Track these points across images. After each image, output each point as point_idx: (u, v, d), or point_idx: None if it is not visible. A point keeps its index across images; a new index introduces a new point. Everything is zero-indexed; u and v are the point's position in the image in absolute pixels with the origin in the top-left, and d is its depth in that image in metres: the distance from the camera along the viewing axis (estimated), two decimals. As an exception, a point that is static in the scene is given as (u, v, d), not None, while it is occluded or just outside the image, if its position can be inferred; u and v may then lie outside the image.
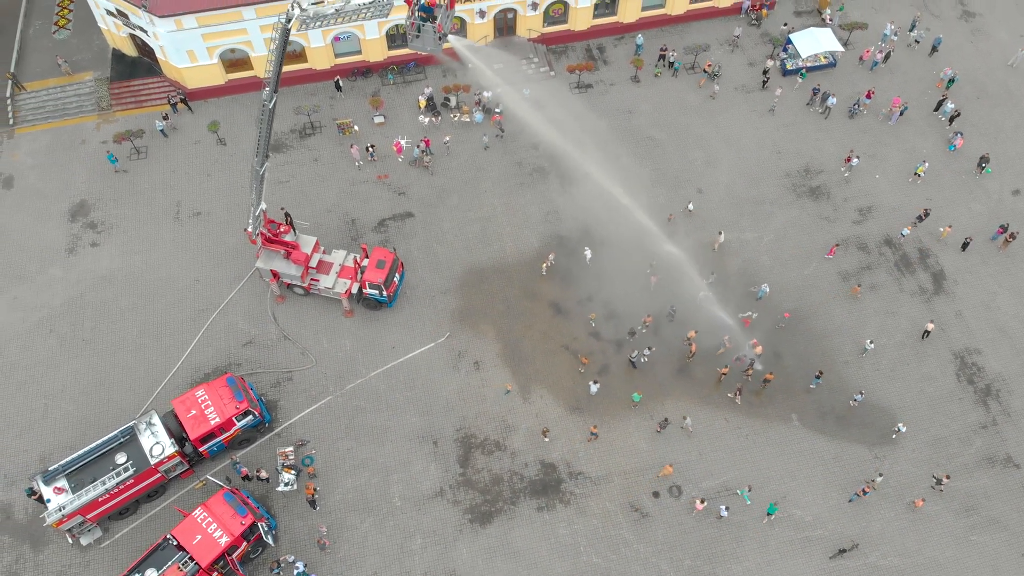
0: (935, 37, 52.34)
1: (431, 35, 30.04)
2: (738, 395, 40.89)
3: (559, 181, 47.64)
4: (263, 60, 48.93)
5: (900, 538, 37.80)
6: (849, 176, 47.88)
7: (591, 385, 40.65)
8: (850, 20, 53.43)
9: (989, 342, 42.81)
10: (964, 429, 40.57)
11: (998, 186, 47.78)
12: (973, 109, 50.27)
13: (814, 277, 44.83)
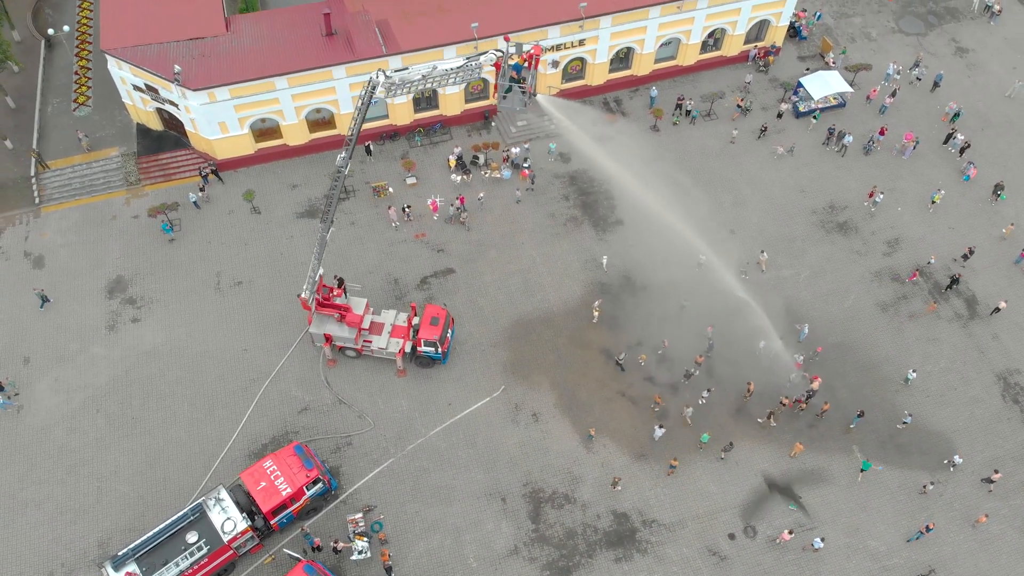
0: (936, 74, 54.96)
1: (519, 96, 30.81)
2: (770, 419, 41.42)
3: (596, 230, 48.55)
4: (292, 129, 49.93)
5: (972, 559, 38.17)
6: (874, 211, 49.52)
7: (656, 429, 40.79)
8: (854, 62, 55.91)
9: (1029, 362, 44.23)
10: (1017, 448, 41.43)
11: (1014, 211, 49.77)
12: (979, 140, 52.58)
13: (854, 310, 45.89)
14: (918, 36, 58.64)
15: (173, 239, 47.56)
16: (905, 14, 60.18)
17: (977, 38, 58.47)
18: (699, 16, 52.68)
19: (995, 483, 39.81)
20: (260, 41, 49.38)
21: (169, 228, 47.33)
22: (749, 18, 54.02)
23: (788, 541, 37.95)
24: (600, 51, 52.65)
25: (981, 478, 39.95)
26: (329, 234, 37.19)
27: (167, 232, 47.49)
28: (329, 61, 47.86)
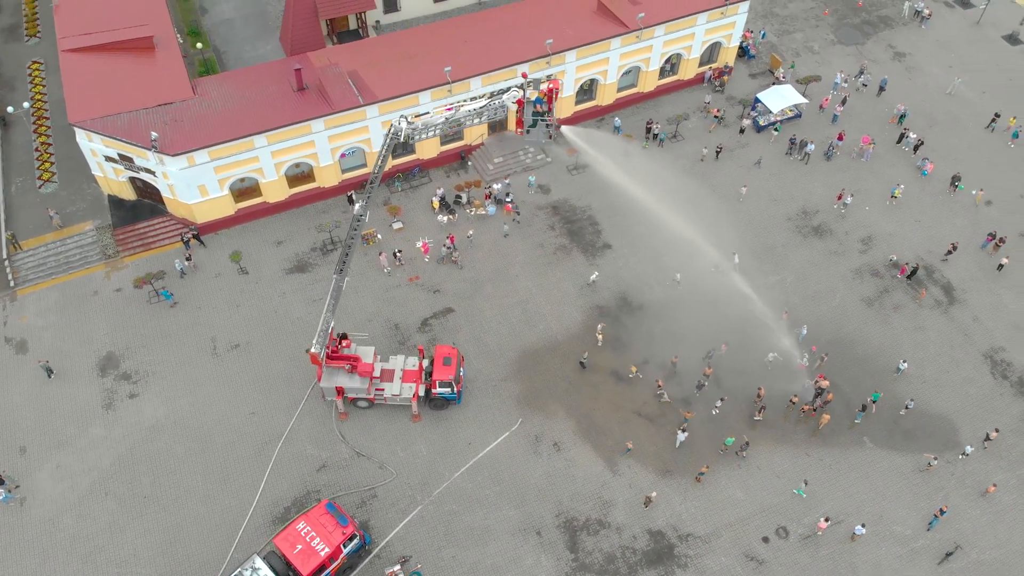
0: (881, 79, 58.22)
1: (543, 128, 31.43)
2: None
3: (585, 255, 49.44)
4: (272, 186, 49.55)
5: (991, 531, 39.66)
6: (845, 212, 51.80)
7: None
8: (803, 75, 58.78)
9: (1009, 339, 46.41)
10: (1013, 420, 43.41)
11: (972, 201, 52.73)
12: (929, 136, 55.69)
13: (842, 307, 47.69)
14: (857, 46, 62.12)
15: (174, 304, 46.53)
16: (842, 26, 63.71)
17: (911, 42, 62.27)
18: (657, 44, 54.72)
19: (992, 441, 41.97)
20: (231, 102, 49.10)
21: (169, 295, 46.26)
22: (703, 41, 56.39)
23: (824, 530, 38.92)
24: (567, 84, 54.11)
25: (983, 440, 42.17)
26: (344, 283, 36.95)
27: (167, 299, 46.46)
28: (306, 115, 47.84)
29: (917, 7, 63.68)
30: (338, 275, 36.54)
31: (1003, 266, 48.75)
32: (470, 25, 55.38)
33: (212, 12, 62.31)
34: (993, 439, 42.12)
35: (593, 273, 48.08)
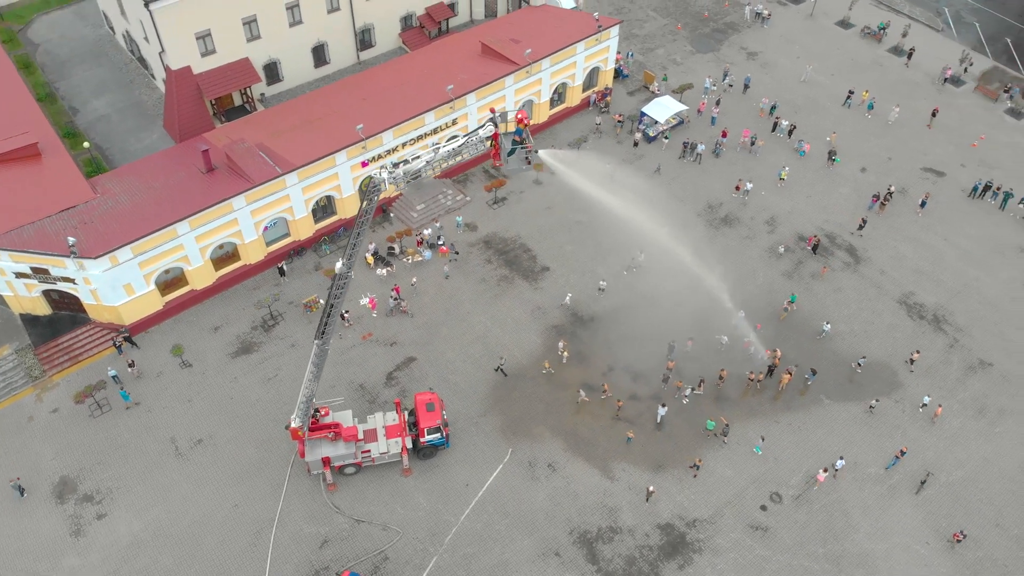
0: (745, 77, 63.84)
1: (522, 154, 32.36)
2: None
3: (527, 281, 50.84)
4: (199, 272, 47.98)
5: (949, 456, 43.75)
6: (746, 199, 56.13)
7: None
8: (677, 85, 63.51)
9: (915, 284, 51.65)
10: (940, 352, 48.31)
11: (849, 170, 58.60)
12: (798, 120, 61.47)
13: (766, 285, 51.44)
14: (714, 52, 67.85)
15: (132, 406, 44.31)
16: (696, 37, 69.41)
17: (759, 42, 68.72)
18: (545, 76, 57.58)
19: (915, 362, 46.79)
20: (139, 194, 47.28)
21: (127, 395, 43.64)
22: (584, 68, 59.88)
23: (823, 482, 41.92)
24: (471, 126, 55.78)
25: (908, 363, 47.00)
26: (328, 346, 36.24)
27: (126, 399, 44.09)
28: (227, 194, 46.78)
29: (757, 10, 70.52)
30: (320, 340, 35.79)
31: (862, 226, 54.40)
32: (363, 84, 56.20)
33: (84, 111, 59.60)
34: (916, 359, 46.86)
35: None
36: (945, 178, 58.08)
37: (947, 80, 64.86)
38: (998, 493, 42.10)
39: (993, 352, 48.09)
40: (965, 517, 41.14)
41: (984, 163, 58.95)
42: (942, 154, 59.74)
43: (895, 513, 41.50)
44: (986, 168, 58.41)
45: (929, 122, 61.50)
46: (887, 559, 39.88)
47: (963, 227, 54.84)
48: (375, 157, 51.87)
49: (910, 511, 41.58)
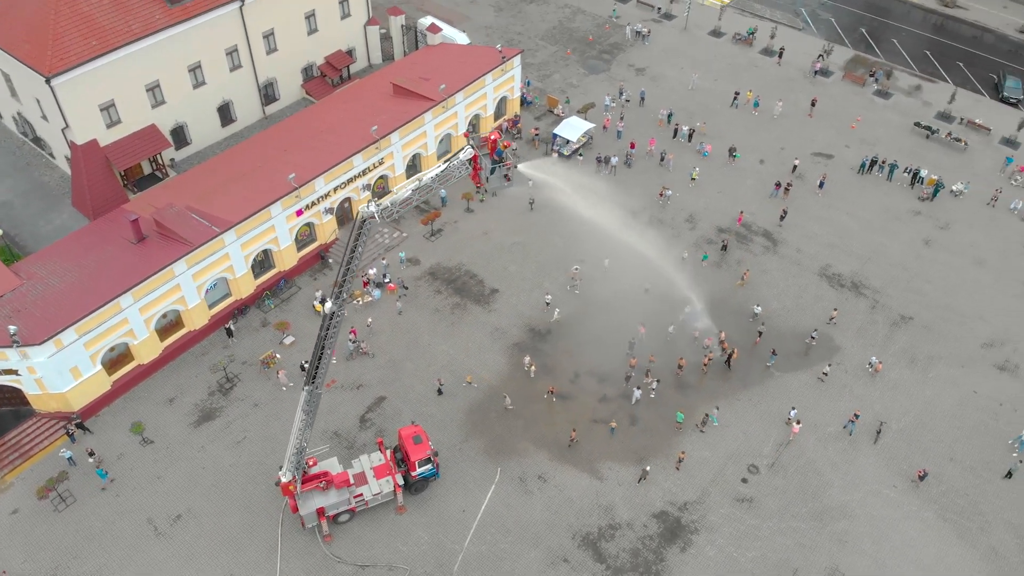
0: (640, 91, 67.76)
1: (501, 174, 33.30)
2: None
3: (480, 305, 51.76)
4: (144, 345, 46.39)
5: (895, 405, 47.45)
6: (668, 203, 59.36)
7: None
8: (581, 105, 66.63)
9: (830, 255, 56.03)
10: (865, 314, 52.53)
11: (749, 164, 63.12)
12: (696, 124, 65.76)
13: (703, 278, 54.23)
14: (605, 72, 71.68)
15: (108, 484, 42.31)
16: (585, 60, 73.12)
17: (644, 57, 73.13)
18: (460, 109, 59.23)
19: (834, 319, 51.10)
20: (69, 275, 45.25)
21: (104, 473, 41.48)
22: (494, 98, 62.00)
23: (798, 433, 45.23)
24: (397, 164, 56.56)
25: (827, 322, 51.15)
26: (321, 391, 35.78)
27: (103, 478, 42.06)
28: (162, 261, 45.38)
29: (636, 29, 75.09)
30: (311, 385, 35.33)
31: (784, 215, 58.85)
32: (280, 136, 55.99)
33: (-19, 199, 56.34)
34: (835, 317, 50.95)
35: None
36: (834, 159, 63.58)
37: (817, 72, 71.23)
38: (945, 431, 46.18)
39: (910, 306, 52.87)
40: (921, 457, 44.86)
41: (865, 141, 64.99)
42: (827, 139, 65.40)
43: (860, 464, 44.75)
44: (868, 146, 64.41)
45: (810, 112, 67.28)
46: (863, 506, 42.91)
47: (860, 200, 60.17)
48: (309, 205, 51.75)
49: (873, 460, 44.95)
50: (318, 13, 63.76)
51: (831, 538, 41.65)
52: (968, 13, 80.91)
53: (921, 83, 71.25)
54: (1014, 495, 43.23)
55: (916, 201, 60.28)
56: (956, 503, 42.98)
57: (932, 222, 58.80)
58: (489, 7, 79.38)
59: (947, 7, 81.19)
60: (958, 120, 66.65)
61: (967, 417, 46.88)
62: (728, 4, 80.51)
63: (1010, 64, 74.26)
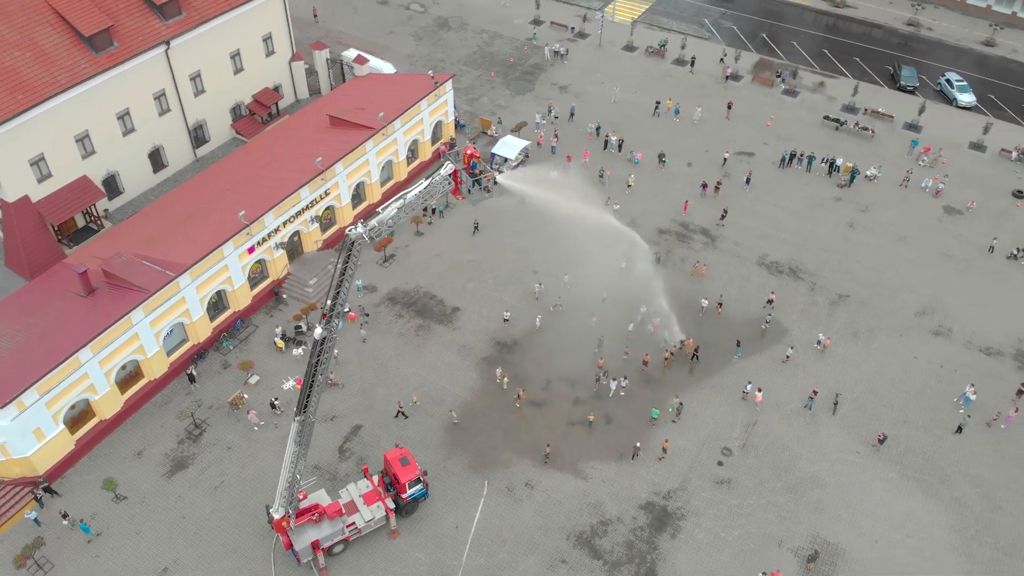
0: (569, 106, 70.00)
1: (480, 188, 34.02)
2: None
3: (444, 325, 52.25)
4: (106, 400, 45.31)
5: (846, 377, 50.21)
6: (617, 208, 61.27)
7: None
8: (514, 125, 68.27)
9: (765, 245, 59.05)
10: (807, 296, 55.55)
11: (678, 167, 65.97)
12: (622, 135, 68.36)
13: (650, 276, 56.30)
14: (530, 91, 73.73)
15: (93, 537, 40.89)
16: (509, 82, 75.01)
17: (565, 76, 75.55)
18: (400, 136, 59.89)
19: (772, 302, 53.85)
20: (18, 335, 43.66)
21: (87, 527, 39.92)
22: (430, 123, 62.95)
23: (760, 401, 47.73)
24: (343, 194, 56.64)
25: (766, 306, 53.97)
26: (313, 420, 35.45)
27: (87, 532, 40.68)
28: (118, 311, 44.10)
29: (554, 49, 77.61)
30: (303, 415, 35.00)
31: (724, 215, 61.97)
32: (221, 176, 55.49)
33: (-99, 269, 53.22)
34: (773, 300, 53.81)
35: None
36: (756, 157, 67.18)
37: (728, 77, 75.24)
38: (895, 396, 49.28)
39: (846, 285, 56.26)
40: (877, 423, 47.71)
41: (781, 138, 68.96)
42: (746, 138, 69.06)
43: (823, 436, 47.26)
44: (784, 141, 68.35)
45: (727, 114, 70.95)
46: (832, 474, 45.32)
47: (785, 192, 63.76)
48: (260, 241, 51.26)
49: (834, 431, 47.55)
50: (243, 52, 63.48)
51: (808, 507, 43.86)
52: (857, 11, 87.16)
53: (824, 80, 76.27)
54: (967, 448, 46.54)
55: (835, 188, 64.38)
56: (915, 461, 45.95)
57: (853, 206, 62.91)
58: (408, 37, 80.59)
59: (837, 7, 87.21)
60: (863, 111, 71.65)
61: (912, 381, 50.24)
62: (637, 20, 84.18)
63: (903, 55, 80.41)
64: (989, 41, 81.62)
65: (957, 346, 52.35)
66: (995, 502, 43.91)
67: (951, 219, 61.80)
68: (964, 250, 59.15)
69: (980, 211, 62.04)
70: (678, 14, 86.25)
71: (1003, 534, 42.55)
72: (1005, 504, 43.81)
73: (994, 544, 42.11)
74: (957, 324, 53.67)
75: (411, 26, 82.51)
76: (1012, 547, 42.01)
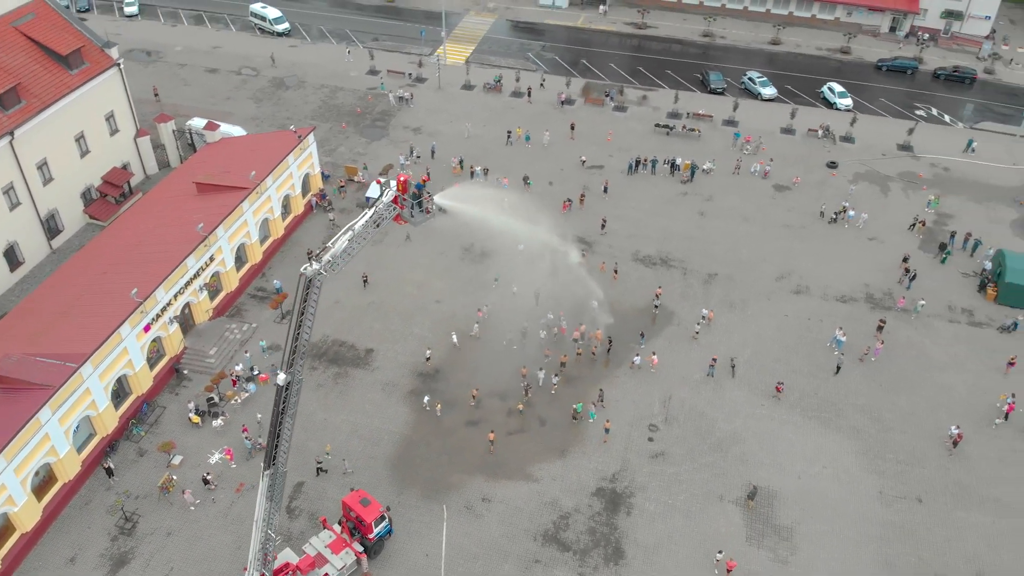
0: (430, 145, 72.54)
1: (421, 214, 34.85)
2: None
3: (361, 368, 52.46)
4: (25, 511, 42.46)
5: (734, 342, 55.23)
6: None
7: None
8: (380, 169, 69.90)
9: (634, 244, 63.87)
10: (680, 281, 60.72)
11: (541, 187, 70.07)
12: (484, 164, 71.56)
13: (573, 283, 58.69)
14: (385, 137, 75.62)
15: None
16: (361, 130, 76.46)
17: (415, 119, 78.20)
18: (272, 192, 59.60)
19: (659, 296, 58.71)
20: (-94, 460, 39.16)
21: None
22: (299, 176, 63.08)
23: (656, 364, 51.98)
24: (227, 258, 55.46)
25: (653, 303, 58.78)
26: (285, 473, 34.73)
27: None
28: (24, 414, 40.85)
29: (399, 95, 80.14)
30: (271, 468, 34.21)
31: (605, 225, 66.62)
32: (91, 262, 52.89)
33: None
34: (659, 294, 58.60)
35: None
36: (605, 168, 72.81)
37: (564, 102, 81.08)
38: (778, 351, 55.15)
39: (711, 265, 62.22)
40: (771, 377, 53.23)
41: (622, 149, 75.17)
42: (593, 154, 74.53)
43: (729, 396, 52.05)
44: (625, 151, 74.51)
45: (571, 135, 76.37)
46: (747, 428, 50.05)
47: (638, 195, 69.59)
48: (155, 318, 49.23)
49: (738, 391, 52.51)
50: (87, 134, 60.86)
51: (735, 461, 48.19)
52: (659, 30, 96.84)
53: (645, 93, 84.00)
54: (849, 383, 52.92)
55: (680, 184, 71.12)
56: (811, 403, 51.74)
57: (699, 198, 69.78)
58: (247, 100, 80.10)
59: (640, 29, 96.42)
60: (686, 115, 79.66)
61: (789, 336, 56.53)
62: (468, 60, 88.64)
63: (707, 63, 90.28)
64: (775, 40, 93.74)
65: (816, 299, 59.60)
66: (885, 424, 50.47)
67: (782, 195, 70.24)
68: (799, 219, 67.44)
69: (804, 184, 71.03)
70: (503, 51, 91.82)
71: (899, 448, 48.96)
72: (893, 424, 50.44)
73: (895, 458, 48.35)
74: (811, 281, 61.08)
75: (247, 90, 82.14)
76: (910, 457, 48.44)
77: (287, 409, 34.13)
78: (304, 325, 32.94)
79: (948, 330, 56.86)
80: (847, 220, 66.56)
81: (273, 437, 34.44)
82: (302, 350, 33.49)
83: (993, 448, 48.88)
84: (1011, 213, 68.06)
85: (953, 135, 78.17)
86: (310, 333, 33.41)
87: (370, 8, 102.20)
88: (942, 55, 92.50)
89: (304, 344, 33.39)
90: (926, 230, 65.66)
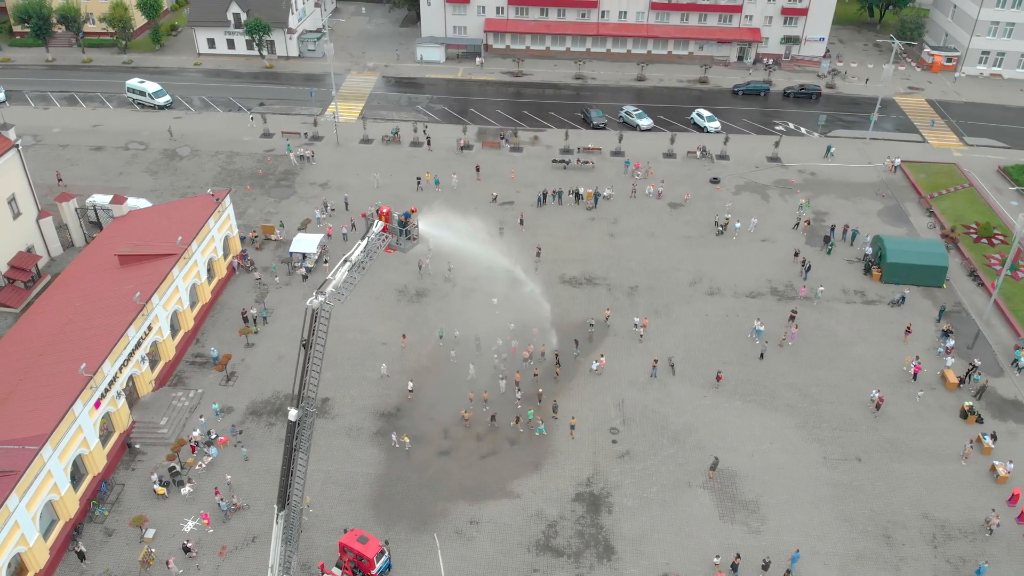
0: (343, 197, 73.27)
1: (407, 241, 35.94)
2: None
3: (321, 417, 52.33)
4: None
5: (669, 343, 59.55)
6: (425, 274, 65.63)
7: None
8: (297, 224, 69.91)
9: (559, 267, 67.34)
10: (607, 295, 64.76)
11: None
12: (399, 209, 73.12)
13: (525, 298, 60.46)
14: (294, 195, 75.94)
15: None
16: (267, 190, 76.51)
17: (320, 175, 79.26)
18: (198, 257, 58.80)
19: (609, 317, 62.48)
20: None
21: None
22: (221, 239, 62.44)
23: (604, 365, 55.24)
24: (164, 326, 54.07)
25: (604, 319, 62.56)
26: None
27: None
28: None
29: (299, 154, 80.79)
30: (286, 508, 33.99)
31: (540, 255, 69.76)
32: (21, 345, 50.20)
33: None
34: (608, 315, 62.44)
35: None
36: (515, 204, 76.27)
37: (463, 148, 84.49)
38: (708, 347, 59.71)
39: (631, 279, 66.66)
40: (707, 369, 57.59)
41: (526, 184, 79.11)
42: (502, 191, 77.89)
43: (675, 393, 55.83)
44: (529, 186, 78.53)
45: (478, 176, 79.56)
46: (697, 418, 53.87)
47: (551, 224, 73.38)
48: (103, 393, 47.34)
49: (680, 387, 56.43)
50: (-10, 218, 58.00)
51: (693, 449, 51.74)
52: (534, 76, 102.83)
53: (536, 134, 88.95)
54: (774, 367, 58.13)
55: (586, 211, 75.75)
56: (746, 388, 56.42)
57: (605, 221, 74.55)
58: (143, 173, 78.33)
59: (517, 77, 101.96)
60: (577, 150, 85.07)
61: (714, 332, 61.40)
62: (361, 116, 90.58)
63: (584, 102, 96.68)
64: (640, 77, 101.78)
65: (729, 298, 65.06)
66: (814, 397, 55.74)
67: (677, 211, 76.23)
68: (698, 230, 73.41)
69: (694, 199, 77.46)
70: (392, 105, 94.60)
71: (831, 418, 54.18)
72: (821, 396, 55.80)
73: (830, 426, 53.50)
74: (720, 283, 66.62)
75: (139, 163, 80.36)
76: (842, 423, 53.72)
77: (300, 445, 34.36)
78: (313, 359, 33.55)
79: (848, 310, 63.76)
80: (735, 231, 73.05)
81: (286, 476, 34.49)
82: (313, 383, 34.01)
83: (911, 406, 55.15)
84: (876, 204, 77.37)
85: (812, 144, 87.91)
86: (320, 365, 34.03)
87: (247, 75, 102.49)
88: (787, 76, 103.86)
89: (315, 376, 33.96)
90: (809, 228, 73.35)
